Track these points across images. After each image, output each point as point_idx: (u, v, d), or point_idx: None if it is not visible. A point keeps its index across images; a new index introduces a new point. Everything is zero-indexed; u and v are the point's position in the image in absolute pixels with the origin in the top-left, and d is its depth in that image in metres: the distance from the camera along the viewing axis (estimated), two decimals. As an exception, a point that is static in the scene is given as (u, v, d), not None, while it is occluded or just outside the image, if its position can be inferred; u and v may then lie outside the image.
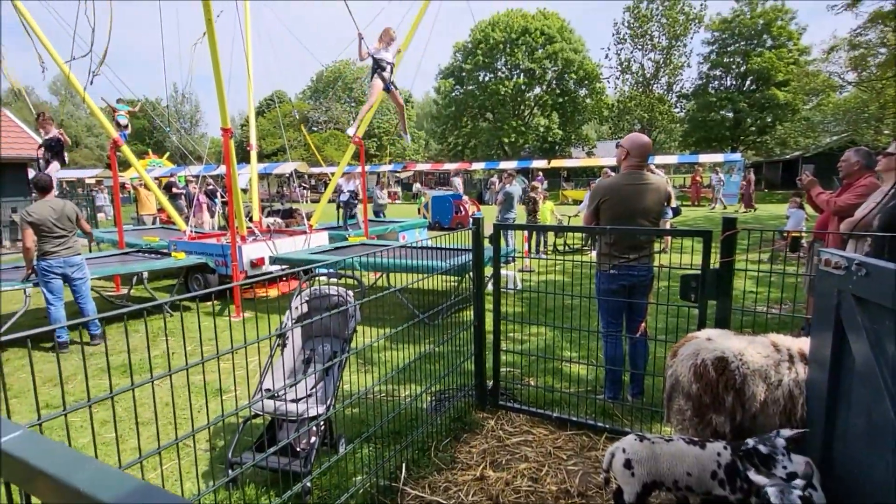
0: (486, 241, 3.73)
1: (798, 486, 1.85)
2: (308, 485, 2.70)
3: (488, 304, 3.81)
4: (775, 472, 1.98)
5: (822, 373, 2.14)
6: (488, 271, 3.86)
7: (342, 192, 12.36)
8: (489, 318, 3.77)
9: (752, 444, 2.09)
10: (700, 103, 35.76)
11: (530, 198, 10.01)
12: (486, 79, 40.13)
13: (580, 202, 16.72)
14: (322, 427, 2.98)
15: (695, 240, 2.98)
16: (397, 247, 4.43)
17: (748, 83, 35.40)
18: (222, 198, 14.52)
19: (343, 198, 12.31)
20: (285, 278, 7.97)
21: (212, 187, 14.66)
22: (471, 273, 3.87)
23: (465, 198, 17.00)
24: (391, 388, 4.14)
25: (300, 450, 2.92)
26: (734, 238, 2.84)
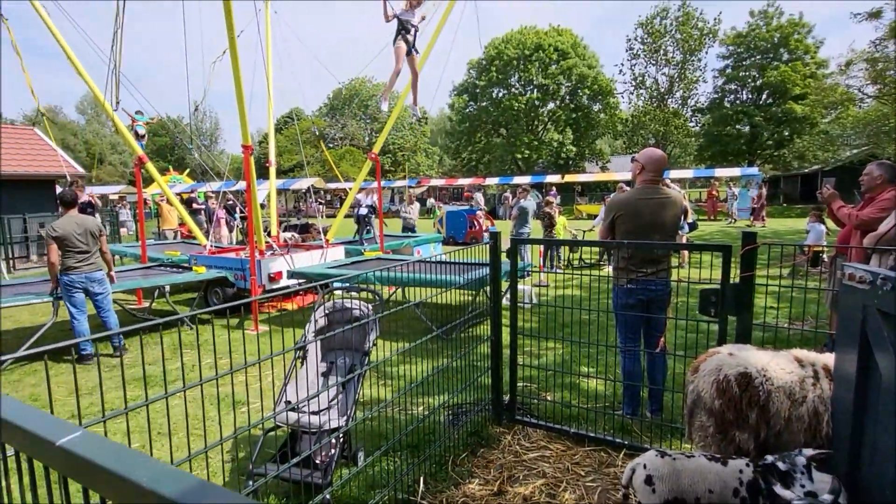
0: (504, 256, 3.75)
1: (826, 502, 1.82)
2: (328, 497, 2.72)
3: (504, 319, 3.82)
4: (793, 490, 1.95)
5: (848, 389, 2.11)
6: (504, 286, 3.88)
7: (360, 206, 12.50)
8: (505, 332, 3.78)
9: (772, 460, 2.06)
10: (715, 117, 35.56)
11: (546, 213, 10.02)
12: (499, 95, 40.48)
13: (595, 216, 16.66)
14: (341, 439, 3.00)
15: (714, 254, 2.97)
16: (414, 261, 4.47)
17: (764, 97, 35.16)
18: (241, 213, 14.80)
19: (361, 212, 12.43)
20: (302, 292, 8.07)
21: (231, 202, 14.96)
22: (487, 287, 3.89)
23: (480, 212, 17.03)
24: (408, 401, 4.15)
25: (319, 462, 2.94)
26: (754, 252, 2.83)
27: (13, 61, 8.23)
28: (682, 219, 3.99)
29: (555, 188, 28.42)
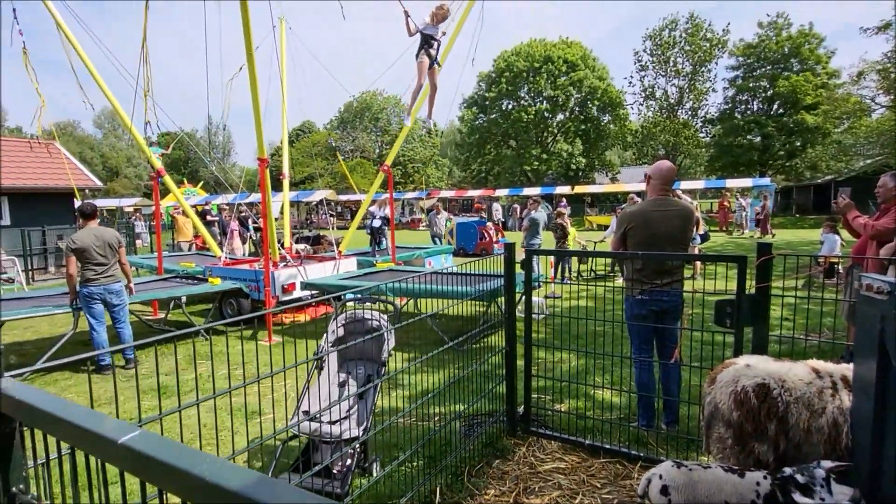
0: (518, 267, 3.78)
1: None
2: (345, 507, 2.74)
3: (517, 330, 3.83)
4: (814, 502, 1.94)
5: (867, 401, 2.10)
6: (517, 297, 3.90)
7: (374, 217, 12.60)
8: (518, 343, 3.79)
9: (790, 472, 2.05)
10: (726, 128, 35.40)
11: (558, 224, 10.04)
12: (508, 107, 40.70)
13: (606, 227, 16.63)
14: (358, 449, 3.03)
15: (728, 265, 2.98)
16: (428, 272, 4.52)
17: (776, 107, 34.98)
18: (254, 223, 14.99)
19: (375, 224, 12.52)
20: (315, 304, 8.13)
21: (244, 214, 15.16)
22: (499, 299, 3.91)
23: (490, 224, 17.08)
24: (422, 412, 4.16)
25: (336, 472, 2.97)
26: (770, 263, 2.84)
27: (28, 81, 8.39)
28: (694, 230, 4.00)
29: (565, 199, 28.41)
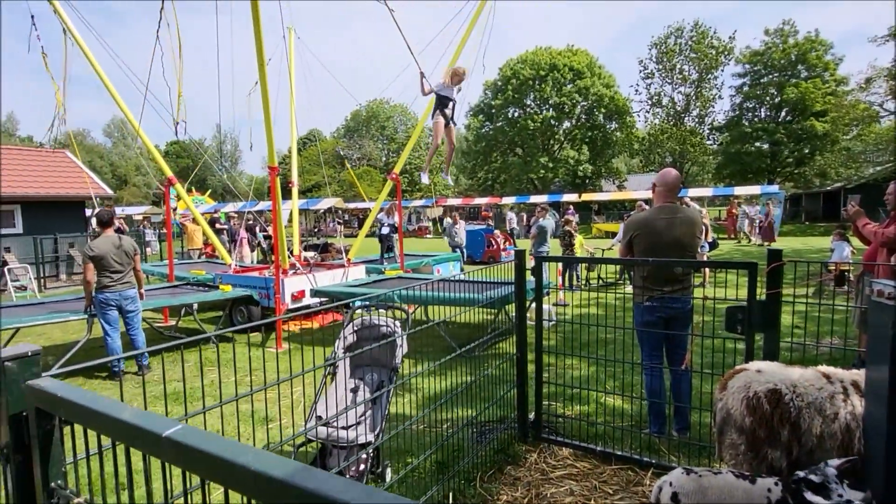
0: (528, 274, 3.81)
1: None
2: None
3: (528, 338, 3.85)
4: (830, 501, 1.94)
5: (880, 406, 2.10)
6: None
7: (383, 225, 12.66)
8: (528, 350, 3.81)
9: (803, 474, 2.05)
10: (734, 135, 35.33)
11: (566, 231, 10.06)
12: (515, 115, 40.83)
13: (614, 234, 16.60)
14: (371, 455, 3.05)
15: (739, 272, 2.99)
16: (437, 280, 4.55)
17: (783, 114, 34.88)
18: (262, 231, 15.10)
19: (384, 231, 12.58)
20: (324, 311, 8.18)
21: (251, 222, 15.29)
22: (510, 305, 3.94)
23: (497, 232, 17.11)
24: (433, 418, 4.18)
25: (349, 477, 2.99)
26: (780, 270, 2.85)
27: (47, 88, 8.56)
28: (703, 237, 4.02)
29: (572, 207, 28.41)
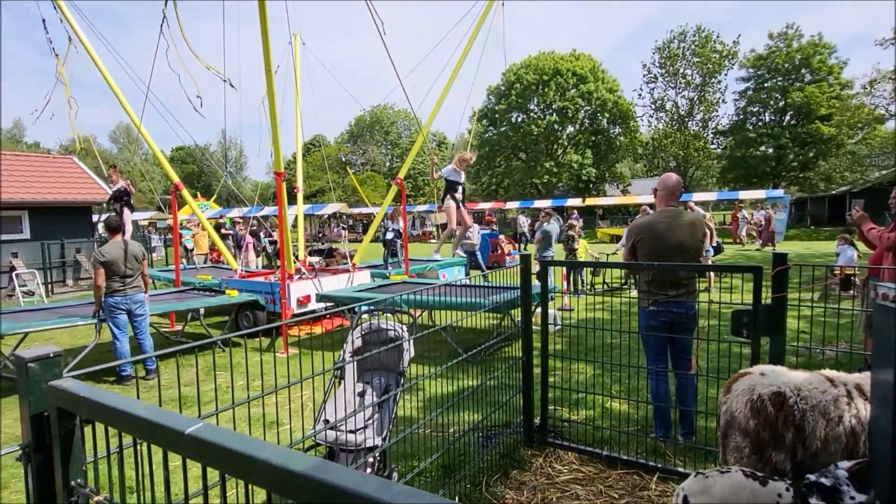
0: (533, 279, 3.84)
1: None
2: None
3: (534, 342, 3.87)
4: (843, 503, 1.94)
5: (886, 410, 2.10)
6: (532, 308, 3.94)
7: (387, 230, 12.69)
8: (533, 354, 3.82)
9: (814, 478, 2.05)
10: (738, 139, 35.27)
11: (569, 236, 10.07)
12: (518, 119, 40.91)
13: (619, 238, 16.61)
14: (378, 458, 3.07)
15: (745, 276, 3.00)
16: (442, 284, 4.58)
17: (788, 118, 34.80)
18: (268, 237, 15.18)
19: (388, 236, 12.61)
20: (329, 316, 8.21)
21: (255, 228, 15.37)
22: (515, 310, 3.96)
23: (502, 237, 17.12)
24: (439, 422, 4.20)
25: (356, 481, 3.01)
26: (785, 274, 2.86)
27: (58, 93, 8.68)
28: (707, 242, 4.03)
29: (576, 212, 28.42)
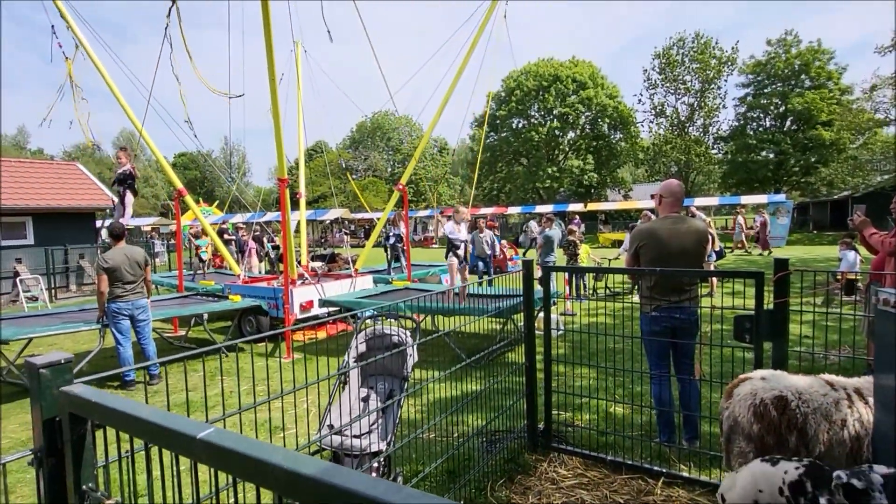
0: (535, 284, 3.86)
1: None
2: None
3: (537, 347, 3.88)
4: None
5: (889, 415, 2.12)
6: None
7: (389, 235, 12.72)
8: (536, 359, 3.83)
9: (845, 478, 1.91)
10: (739, 145, 35.31)
11: (570, 241, 10.09)
12: (519, 125, 41.04)
13: (620, 243, 16.61)
14: (382, 463, 3.08)
15: (746, 282, 3.02)
16: (446, 290, 4.60)
17: (788, 123, 34.85)
18: (270, 242, 15.21)
19: (390, 241, 12.63)
20: (333, 321, 8.24)
21: (258, 234, 15.40)
22: (517, 315, 3.97)
23: (504, 242, 17.13)
24: (443, 427, 4.20)
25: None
26: (787, 279, 2.88)
27: (64, 99, 8.72)
28: (710, 247, 4.04)
29: (578, 217, 28.43)
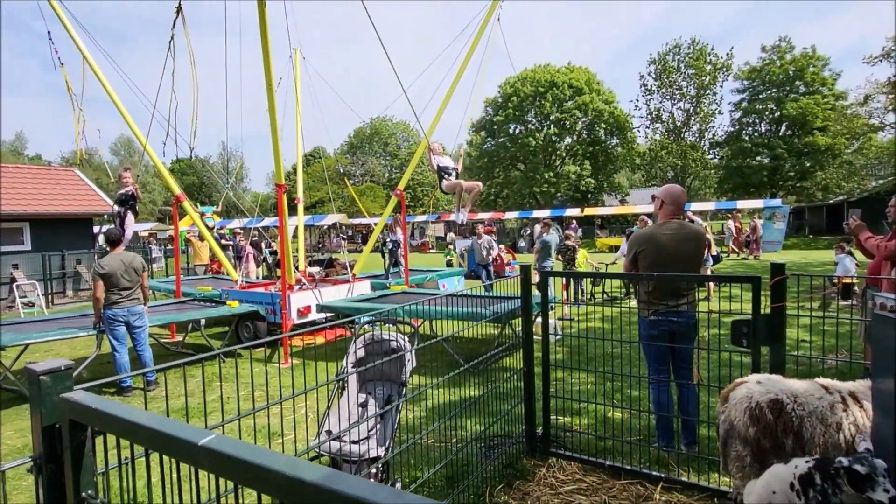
0: (533, 289, 3.86)
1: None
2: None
3: (535, 352, 3.88)
4: (875, 496, 1.81)
5: (888, 418, 2.12)
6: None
7: (386, 240, 12.73)
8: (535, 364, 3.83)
9: (847, 462, 1.90)
10: (734, 150, 35.49)
11: (568, 247, 10.10)
12: (516, 131, 41.16)
13: (617, 247, 16.66)
14: (381, 469, 3.07)
15: (743, 286, 3.03)
16: (445, 295, 4.60)
17: (784, 129, 35.06)
18: (268, 247, 15.20)
19: (389, 246, 12.66)
20: (330, 326, 8.22)
21: (255, 239, 15.39)
22: (514, 319, 3.97)
23: (501, 247, 17.15)
24: (441, 433, 4.19)
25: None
26: (784, 283, 2.89)
27: (62, 105, 8.72)
28: (706, 251, 4.06)
29: (575, 222, 28.49)
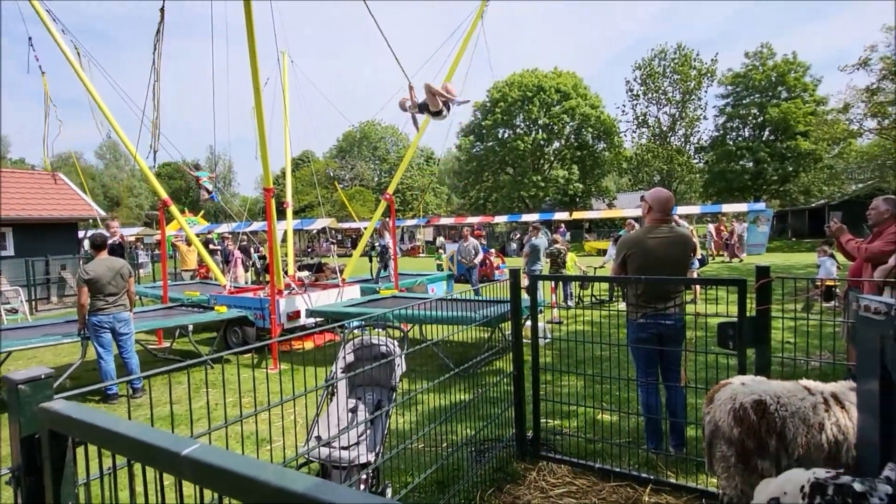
0: (523, 293, 3.88)
1: None
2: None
3: (524, 355, 3.89)
4: None
5: (873, 420, 2.15)
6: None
7: (374, 244, 12.69)
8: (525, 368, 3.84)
9: (862, 487, 1.87)
10: (719, 154, 35.98)
11: (557, 250, 10.16)
12: (505, 135, 41.36)
13: (605, 251, 16.78)
14: (371, 475, 3.05)
15: (729, 289, 3.07)
16: (435, 299, 4.60)
17: (766, 133, 35.63)
18: (256, 252, 15.08)
19: (377, 250, 12.61)
20: (320, 331, 8.17)
21: (245, 244, 15.27)
22: (504, 324, 3.98)
23: (491, 251, 17.20)
24: (431, 438, 4.18)
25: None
26: (769, 286, 2.94)
27: (40, 110, 8.61)
28: (692, 255, 4.11)
29: (563, 226, 28.65)
